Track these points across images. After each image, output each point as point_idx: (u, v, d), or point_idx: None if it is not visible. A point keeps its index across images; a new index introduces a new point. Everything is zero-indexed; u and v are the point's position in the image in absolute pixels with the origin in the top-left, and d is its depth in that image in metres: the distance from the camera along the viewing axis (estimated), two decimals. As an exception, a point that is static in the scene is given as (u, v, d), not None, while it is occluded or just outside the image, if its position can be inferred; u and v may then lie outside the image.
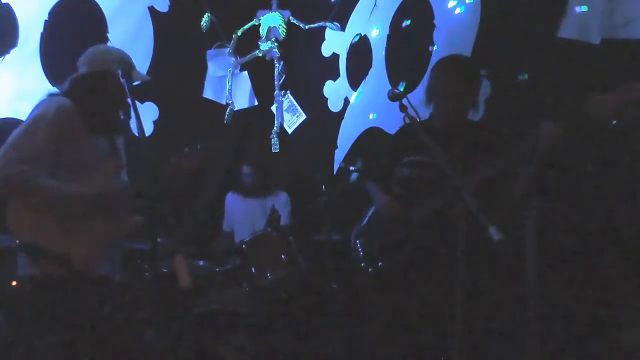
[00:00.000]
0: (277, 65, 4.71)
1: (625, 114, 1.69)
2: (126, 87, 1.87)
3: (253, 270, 3.22)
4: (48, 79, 3.79)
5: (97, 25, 4.00)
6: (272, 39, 4.66)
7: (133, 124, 1.86)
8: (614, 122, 1.71)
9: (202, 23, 4.52)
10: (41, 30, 3.77)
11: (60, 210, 1.77)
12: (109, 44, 4.02)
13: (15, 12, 3.64)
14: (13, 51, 3.65)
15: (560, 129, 1.80)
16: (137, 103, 1.86)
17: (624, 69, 2.36)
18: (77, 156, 1.84)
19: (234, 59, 4.71)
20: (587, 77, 2.50)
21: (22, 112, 3.68)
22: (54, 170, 1.78)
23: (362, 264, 2.35)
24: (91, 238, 1.83)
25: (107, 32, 4.03)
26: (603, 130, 2.09)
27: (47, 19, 3.79)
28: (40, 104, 1.88)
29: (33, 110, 1.87)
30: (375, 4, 3.95)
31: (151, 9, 4.27)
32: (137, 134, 1.81)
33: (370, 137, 3.89)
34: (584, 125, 1.80)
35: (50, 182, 1.75)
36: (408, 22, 3.65)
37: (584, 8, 2.52)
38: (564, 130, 1.80)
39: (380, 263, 2.25)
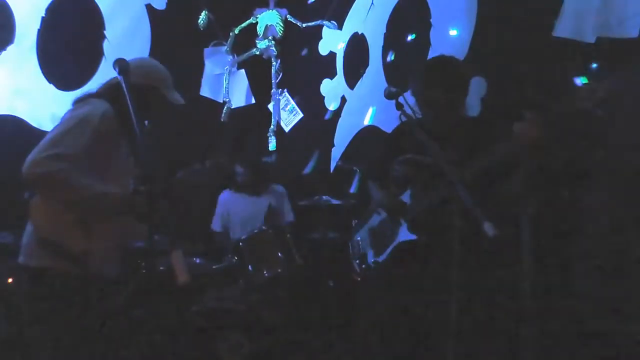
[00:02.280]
0: (274, 63, 4.71)
1: (610, 104, 1.72)
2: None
3: (250, 268, 3.23)
4: (45, 75, 3.78)
5: (94, 22, 3.99)
6: (270, 37, 4.66)
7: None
8: (599, 112, 1.74)
9: (199, 21, 4.52)
10: (38, 26, 3.77)
11: (87, 210, 1.80)
12: (106, 41, 4.02)
13: (12, 8, 3.63)
14: (10, 48, 3.64)
15: (542, 121, 1.82)
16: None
17: (619, 67, 2.38)
18: (108, 159, 1.88)
19: (231, 57, 4.71)
20: (582, 75, 2.51)
21: (19, 109, 3.69)
22: (87, 171, 1.80)
23: (359, 263, 2.36)
24: (109, 239, 1.86)
25: (104, 29, 4.02)
26: (588, 120, 2.12)
27: (44, 15, 3.78)
28: (82, 104, 1.92)
29: (75, 110, 1.90)
30: (372, 3, 3.96)
31: (148, 7, 4.26)
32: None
33: (367, 135, 3.90)
34: (569, 115, 1.82)
35: (85, 182, 1.77)
36: (405, 20, 3.66)
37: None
38: (550, 122, 1.82)
39: (376, 261, 2.26)
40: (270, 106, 4.76)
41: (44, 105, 3.77)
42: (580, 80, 2.25)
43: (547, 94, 2.48)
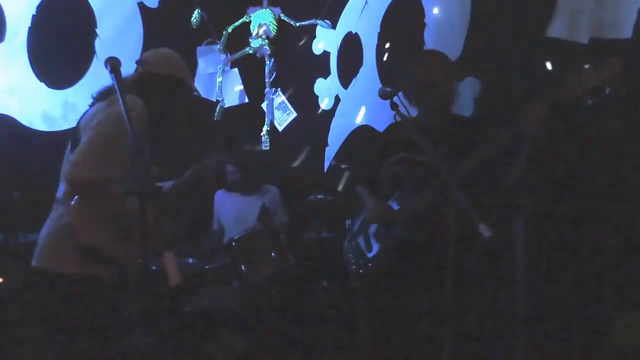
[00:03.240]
0: (267, 62, 4.69)
1: (601, 91, 1.73)
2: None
3: (243, 268, 3.21)
4: (36, 74, 3.74)
5: (85, 20, 3.96)
6: (263, 36, 4.64)
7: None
8: (590, 101, 1.76)
9: (192, 19, 4.50)
10: (29, 25, 3.73)
11: (125, 216, 1.76)
12: (97, 40, 3.98)
13: (3, 6, 3.59)
14: (0, 46, 3.60)
15: (543, 108, 1.83)
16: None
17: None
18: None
19: (224, 55, 4.69)
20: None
21: (10, 107, 3.65)
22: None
23: (354, 266, 2.35)
24: (141, 245, 1.81)
25: (96, 27, 3.99)
26: (580, 109, 2.14)
27: (35, 13, 3.75)
28: (115, 100, 1.81)
29: (111, 107, 1.82)
30: (366, 2, 3.95)
31: (141, 5, 4.23)
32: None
33: (361, 135, 3.89)
34: (563, 105, 1.83)
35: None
36: (399, 20, 3.66)
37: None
38: (547, 111, 1.83)
39: (370, 265, 2.25)
40: (264, 105, 4.74)
41: (35, 104, 3.74)
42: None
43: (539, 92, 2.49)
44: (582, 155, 2.44)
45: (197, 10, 4.49)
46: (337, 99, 4.18)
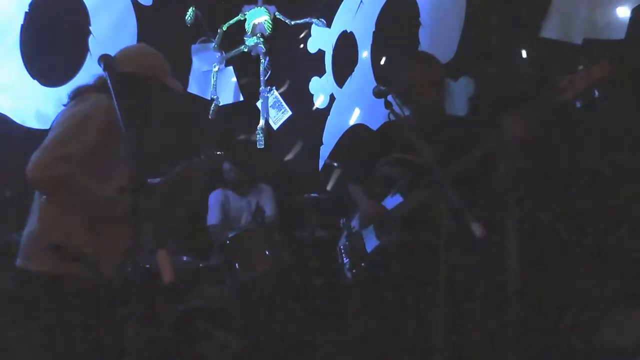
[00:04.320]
0: (262, 61, 4.68)
1: (590, 95, 1.75)
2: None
3: (237, 267, 3.21)
4: (29, 71, 3.72)
5: (79, 17, 3.93)
6: (258, 35, 4.63)
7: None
8: (579, 104, 1.76)
9: (186, 17, 4.48)
10: (22, 22, 3.70)
11: (95, 212, 1.75)
12: (91, 37, 3.96)
13: (-5, 3, 3.57)
14: (-8, 43, 3.58)
15: (530, 117, 1.84)
16: None
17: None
18: (110, 156, 1.81)
19: (219, 54, 4.68)
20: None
21: (3, 105, 3.62)
22: (92, 170, 1.75)
23: (347, 266, 2.36)
24: (117, 243, 1.81)
25: (89, 24, 3.97)
26: (571, 113, 2.14)
27: (27, 10, 3.72)
28: (82, 99, 1.84)
29: (76, 106, 1.83)
30: (361, 1, 3.95)
31: (135, 2, 4.21)
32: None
33: (356, 134, 3.90)
34: (552, 109, 1.84)
35: (92, 183, 1.73)
36: (394, 19, 3.66)
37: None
38: (537, 117, 1.83)
39: (363, 264, 2.25)
40: (259, 104, 4.73)
41: (28, 102, 3.71)
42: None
43: (533, 93, 2.50)
44: (574, 155, 2.45)
45: (191, 8, 4.46)
46: (332, 98, 4.18)
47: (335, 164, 3.92)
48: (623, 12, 2.42)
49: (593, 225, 2.37)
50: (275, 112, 4.69)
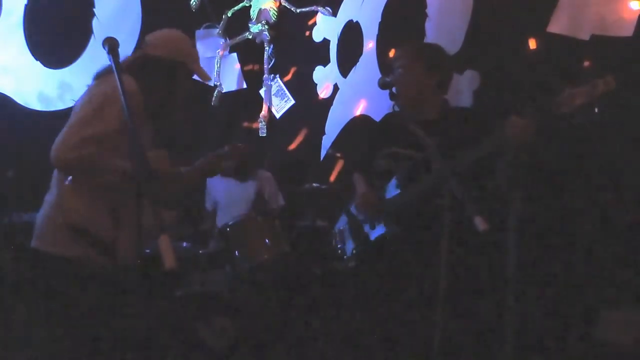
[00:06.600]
0: (267, 48, 4.66)
1: (587, 111, 1.72)
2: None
3: (236, 254, 3.22)
4: (32, 52, 3.70)
5: (83, 0, 3.91)
6: (263, 22, 4.60)
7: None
8: (574, 119, 1.74)
9: (191, 2, 4.45)
10: (25, 2, 3.68)
11: (117, 195, 1.73)
12: (95, 20, 3.94)
13: (-1, -18, 3.55)
14: (-4, 23, 3.56)
15: (529, 123, 1.81)
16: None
17: (612, 66, 2.39)
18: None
19: (223, 40, 4.65)
20: (576, 72, 2.52)
21: (5, 86, 3.61)
22: (117, 151, 1.73)
23: (342, 255, 2.36)
24: (136, 230, 1.80)
25: (93, 7, 3.94)
26: (565, 126, 2.14)
27: (32, -10, 3.70)
28: (106, 79, 1.81)
29: (99, 86, 1.81)
30: (368, -9, 3.92)
31: (140, -14, 4.19)
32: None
33: (358, 124, 3.88)
34: (548, 121, 1.82)
35: (120, 163, 1.71)
36: (400, 10, 3.63)
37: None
38: (533, 125, 1.81)
39: (356, 251, 2.26)
40: (262, 91, 4.71)
41: (31, 83, 3.70)
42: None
43: (539, 89, 2.49)
44: (573, 156, 2.45)
45: (196, -7, 4.44)
46: (336, 88, 4.16)
47: (336, 154, 3.92)
48: (632, 9, 2.40)
49: (591, 225, 2.38)
50: (278, 100, 4.67)
